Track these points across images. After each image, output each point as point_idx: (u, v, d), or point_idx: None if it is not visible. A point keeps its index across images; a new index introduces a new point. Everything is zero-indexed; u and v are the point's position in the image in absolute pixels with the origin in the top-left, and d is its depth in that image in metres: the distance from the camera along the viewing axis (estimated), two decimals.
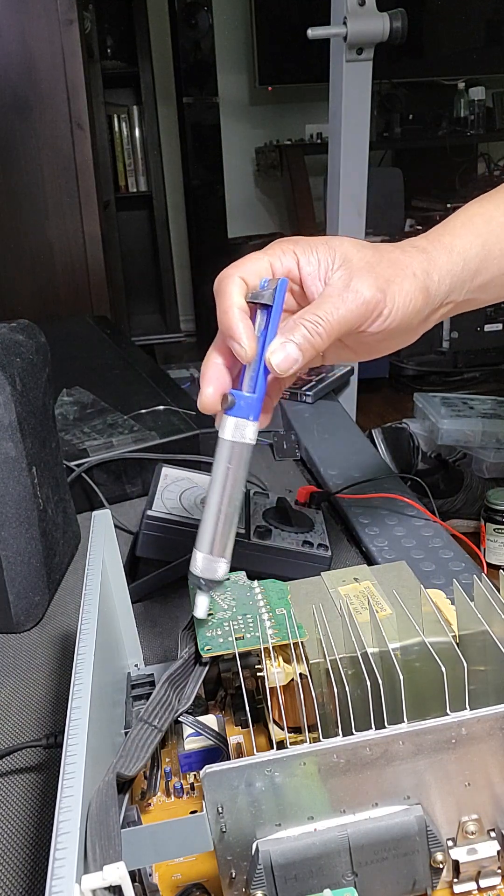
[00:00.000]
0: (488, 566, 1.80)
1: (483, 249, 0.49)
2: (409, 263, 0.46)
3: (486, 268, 0.50)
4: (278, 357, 0.42)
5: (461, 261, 0.48)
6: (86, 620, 0.39)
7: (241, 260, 0.44)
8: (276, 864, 0.33)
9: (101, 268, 1.98)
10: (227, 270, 0.44)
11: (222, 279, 0.44)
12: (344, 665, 0.40)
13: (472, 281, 0.50)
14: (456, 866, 0.35)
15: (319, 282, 0.45)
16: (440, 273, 0.47)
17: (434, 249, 0.48)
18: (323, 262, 0.45)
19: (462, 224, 0.50)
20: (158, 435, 0.88)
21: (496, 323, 3.11)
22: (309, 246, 0.45)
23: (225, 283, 0.43)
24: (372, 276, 0.44)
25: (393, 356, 3.12)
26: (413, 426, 2.21)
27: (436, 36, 3.48)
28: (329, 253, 0.45)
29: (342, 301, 0.43)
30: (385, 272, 0.45)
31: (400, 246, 0.48)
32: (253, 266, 0.44)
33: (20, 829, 0.46)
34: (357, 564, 0.55)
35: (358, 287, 0.43)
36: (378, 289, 0.44)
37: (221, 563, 0.44)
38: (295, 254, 0.45)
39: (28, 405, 0.64)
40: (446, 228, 0.50)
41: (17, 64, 1.80)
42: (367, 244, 0.46)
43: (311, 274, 0.45)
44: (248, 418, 0.43)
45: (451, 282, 0.48)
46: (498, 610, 0.39)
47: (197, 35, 3.24)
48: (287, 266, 0.45)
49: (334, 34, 1.20)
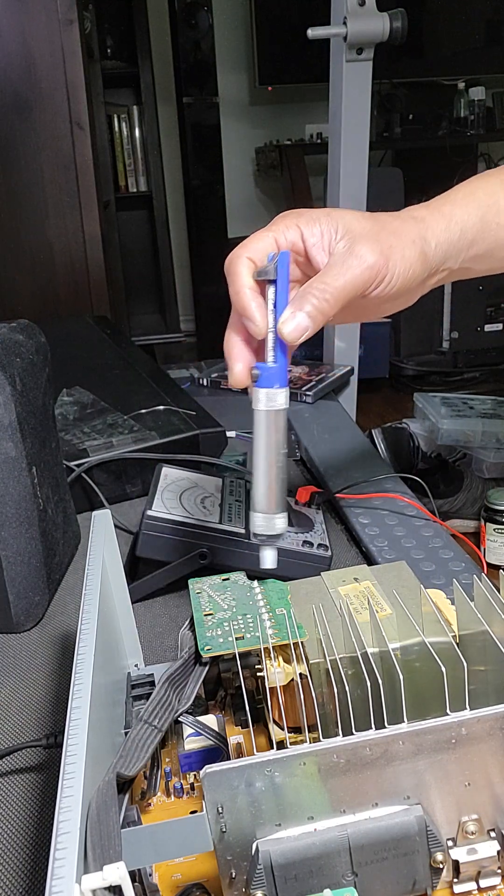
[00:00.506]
0: (488, 566, 1.80)
1: (481, 221, 0.51)
2: (408, 231, 0.48)
3: (483, 238, 0.52)
4: (290, 326, 0.44)
5: (459, 230, 0.50)
6: (86, 620, 0.39)
7: (247, 239, 0.47)
8: (276, 864, 0.33)
9: (101, 268, 1.98)
10: (236, 251, 0.46)
11: (231, 261, 0.46)
12: (344, 665, 0.40)
13: (467, 250, 0.51)
14: (456, 866, 0.35)
15: (324, 252, 0.47)
16: (437, 239, 0.50)
17: (432, 218, 0.50)
18: (326, 233, 0.47)
19: (464, 196, 0.52)
20: (158, 435, 0.88)
21: (496, 323, 3.11)
22: (311, 218, 0.47)
23: (234, 264, 0.46)
24: (375, 242, 0.46)
25: (393, 356, 3.12)
26: (413, 426, 2.21)
27: (436, 36, 3.48)
28: (331, 224, 0.47)
29: (347, 268, 0.45)
30: (387, 239, 0.47)
31: (399, 216, 0.50)
32: (259, 244, 0.46)
33: (20, 829, 0.46)
34: (357, 564, 0.55)
35: (361, 253, 0.46)
36: (381, 254, 0.46)
37: (279, 517, 0.47)
38: (298, 227, 0.47)
39: (28, 405, 0.64)
40: (448, 198, 0.52)
41: (17, 64, 1.80)
42: (367, 214, 0.48)
43: (315, 245, 0.47)
44: (275, 387, 0.45)
45: (447, 249, 0.50)
46: (498, 610, 0.39)
47: (197, 35, 3.24)
48: (291, 239, 0.47)
49: (334, 34, 1.20)
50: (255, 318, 0.45)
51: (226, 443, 0.92)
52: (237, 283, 0.45)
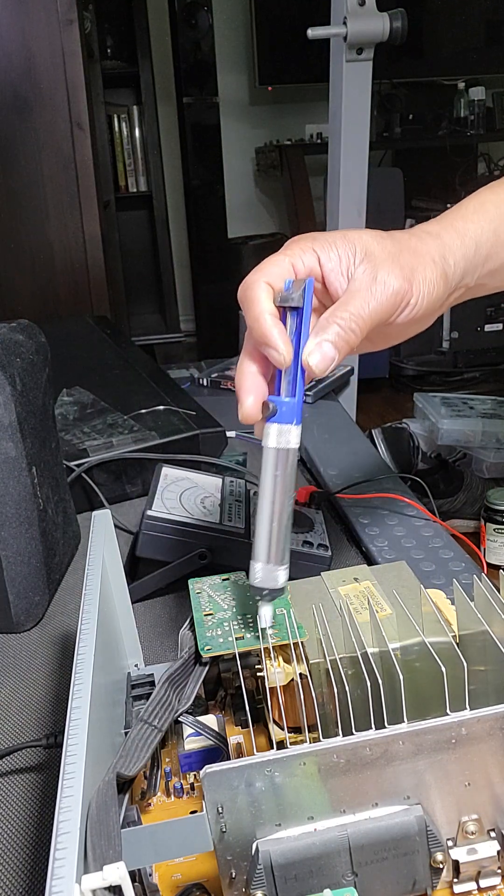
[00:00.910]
0: (488, 566, 1.80)
1: (494, 235, 0.50)
2: (428, 250, 0.46)
3: (497, 253, 0.50)
4: (316, 357, 0.42)
5: (473, 245, 0.49)
6: (86, 620, 0.39)
7: (262, 264, 0.44)
8: (276, 864, 0.33)
9: (101, 268, 1.98)
10: (252, 276, 0.44)
11: (248, 286, 0.43)
12: (344, 665, 0.40)
13: (483, 266, 0.50)
14: (456, 866, 0.35)
15: (342, 277, 0.45)
16: (454, 257, 0.48)
17: (447, 234, 0.48)
18: (344, 257, 0.45)
19: (474, 210, 0.51)
20: (158, 435, 0.88)
21: (496, 323, 3.11)
22: (328, 242, 0.45)
23: (251, 289, 0.43)
24: (397, 266, 0.44)
25: (393, 356, 3.13)
26: (413, 426, 2.21)
27: (436, 36, 3.48)
28: (349, 247, 0.45)
29: (371, 295, 0.43)
30: (408, 262, 0.45)
31: (415, 234, 0.48)
32: (275, 269, 0.44)
33: (20, 829, 0.46)
34: (357, 564, 0.55)
35: (385, 279, 0.44)
36: (405, 279, 0.44)
37: (281, 570, 0.44)
38: (315, 251, 0.45)
39: (28, 405, 0.64)
40: (458, 213, 0.50)
41: (17, 64, 1.80)
42: (383, 234, 0.46)
43: (333, 270, 0.45)
44: (291, 423, 0.43)
45: (465, 266, 0.49)
46: (498, 610, 0.39)
47: (197, 35, 3.24)
48: (308, 265, 0.45)
49: (334, 34, 1.20)
50: (279, 347, 0.42)
51: (226, 443, 0.92)
52: (256, 309, 0.42)
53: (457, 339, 3.09)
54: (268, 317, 0.42)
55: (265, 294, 0.43)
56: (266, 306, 0.42)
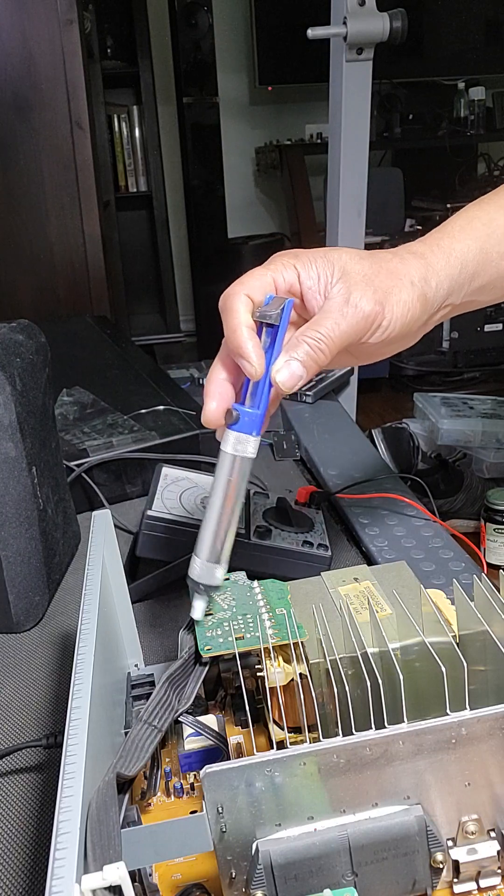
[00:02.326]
0: (488, 566, 1.80)
1: (481, 253, 0.50)
2: (407, 272, 0.47)
3: (485, 270, 0.50)
4: (283, 375, 0.43)
5: (459, 264, 0.49)
6: (86, 620, 0.39)
7: (244, 276, 0.45)
8: (276, 864, 0.33)
9: (101, 268, 1.98)
10: (233, 288, 0.45)
11: (228, 297, 0.44)
12: (344, 665, 0.40)
13: (469, 284, 0.50)
14: (456, 866, 0.35)
15: (319, 296, 0.45)
16: (438, 278, 0.48)
17: (432, 254, 0.48)
18: (322, 276, 0.45)
19: (461, 228, 0.50)
20: (158, 435, 0.88)
21: (496, 323, 3.11)
22: (309, 260, 0.46)
23: (231, 300, 0.44)
24: (370, 288, 0.45)
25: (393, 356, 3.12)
26: (413, 426, 2.21)
27: (436, 36, 3.48)
28: (328, 266, 0.45)
29: (342, 316, 0.44)
30: (383, 283, 0.45)
31: (398, 254, 0.48)
32: (257, 282, 0.45)
33: (20, 829, 0.46)
34: (357, 564, 0.55)
35: (357, 301, 0.44)
36: (377, 301, 0.45)
37: (219, 568, 0.46)
38: (296, 268, 0.45)
39: (28, 405, 0.64)
40: (445, 231, 0.50)
41: (17, 64, 1.80)
42: (364, 254, 0.47)
43: (311, 288, 0.45)
44: (251, 433, 0.44)
45: (450, 286, 0.49)
46: (498, 610, 0.39)
47: (197, 35, 3.24)
48: (289, 281, 0.45)
49: (334, 34, 1.20)
50: (252, 359, 0.43)
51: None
52: (234, 321, 0.43)
53: (457, 339, 3.09)
54: (244, 329, 0.43)
55: (244, 306, 0.44)
56: (244, 318, 0.43)
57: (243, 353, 0.43)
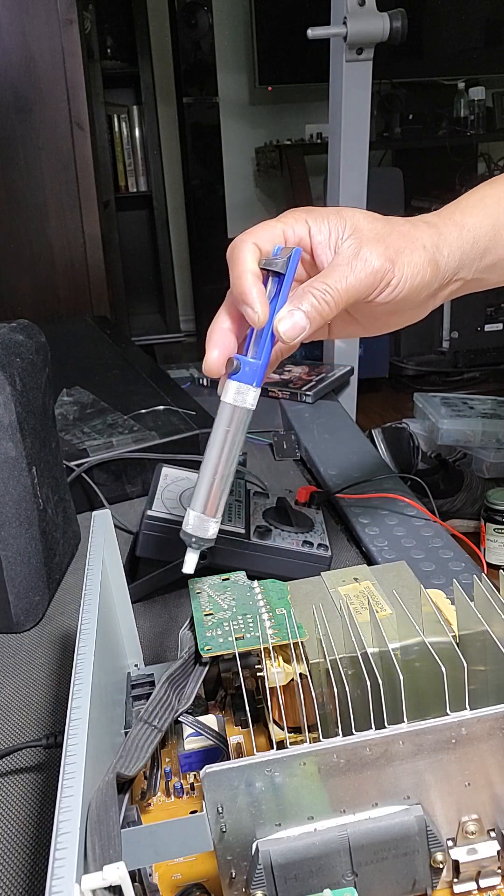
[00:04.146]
0: (488, 566, 1.80)
1: (493, 230, 0.50)
2: (419, 236, 0.47)
3: (496, 247, 0.50)
4: (286, 324, 0.43)
5: (471, 238, 0.49)
6: (86, 620, 0.39)
7: (255, 227, 0.45)
8: (276, 864, 0.33)
9: (101, 268, 1.98)
10: (242, 236, 0.44)
11: (236, 245, 0.44)
12: (344, 665, 0.40)
13: (481, 260, 0.50)
14: (456, 866, 0.35)
15: (329, 251, 0.45)
16: (450, 248, 0.48)
17: (444, 225, 0.48)
18: (333, 232, 0.45)
19: (473, 204, 0.51)
20: (158, 435, 0.88)
21: (496, 323, 3.11)
22: (321, 215, 0.46)
23: (239, 248, 0.44)
24: (381, 245, 0.44)
25: (393, 356, 3.13)
26: (413, 426, 2.21)
27: (436, 36, 3.48)
28: (340, 222, 0.45)
29: (350, 270, 0.44)
30: (395, 243, 0.45)
31: (411, 220, 0.48)
32: (266, 233, 0.45)
33: (20, 829, 0.46)
34: (357, 564, 0.55)
35: (367, 256, 0.44)
36: (387, 258, 0.44)
37: (212, 522, 0.45)
38: (307, 223, 0.45)
39: (28, 405, 0.64)
40: (458, 207, 0.51)
41: (17, 64, 1.80)
42: (378, 216, 0.47)
43: (321, 243, 0.45)
44: (251, 384, 0.43)
45: (461, 258, 0.49)
46: (498, 610, 0.39)
47: (197, 35, 3.24)
48: (299, 234, 0.45)
49: (334, 34, 1.20)
50: (255, 306, 0.42)
51: None
52: (240, 268, 0.43)
53: (457, 339, 3.09)
54: (250, 276, 0.43)
55: (252, 254, 0.44)
56: (250, 266, 0.43)
57: (247, 300, 0.43)
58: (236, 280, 0.43)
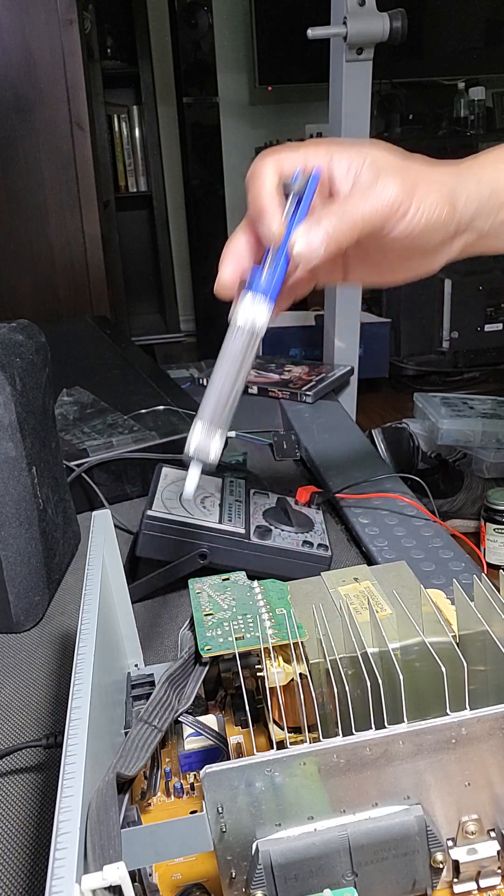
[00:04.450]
0: (488, 566, 1.80)
1: None
2: (438, 177, 0.47)
3: None
4: (301, 244, 0.43)
5: (489, 189, 0.49)
6: (86, 620, 0.39)
7: (277, 147, 0.45)
8: (276, 864, 0.33)
9: (101, 268, 1.98)
10: (263, 155, 0.45)
11: (258, 163, 0.44)
12: (344, 665, 0.40)
13: (497, 213, 0.50)
14: (456, 866, 0.35)
15: (348, 182, 0.45)
16: (468, 193, 0.48)
17: (462, 173, 0.49)
18: (353, 164, 0.45)
19: (493, 160, 0.51)
20: (158, 435, 0.88)
21: (496, 323, 3.11)
22: (342, 147, 0.46)
23: (260, 166, 0.44)
24: (399, 177, 0.45)
25: (393, 356, 3.12)
26: (413, 426, 2.21)
27: (436, 36, 3.48)
28: (360, 155, 0.45)
29: (367, 198, 0.44)
30: (413, 177, 0.45)
31: (431, 162, 0.48)
32: (289, 156, 0.45)
33: (20, 829, 0.46)
34: (357, 564, 0.55)
35: (384, 185, 0.44)
36: (404, 190, 0.44)
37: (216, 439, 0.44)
38: (329, 152, 0.46)
39: (28, 405, 0.64)
40: (476, 160, 0.51)
41: (17, 64, 1.80)
42: (399, 151, 0.47)
43: (340, 173, 0.46)
44: (265, 295, 0.43)
45: (478, 206, 0.49)
46: (498, 610, 0.39)
47: (197, 35, 3.24)
48: (320, 163, 0.46)
49: (334, 34, 1.20)
50: (273, 222, 0.42)
51: (226, 443, 0.92)
52: (259, 185, 0.43)
53: (457, 339, 3.09)
54: (269, 194, 0.43)
55: (272, 173, 0.44)
56: (270, 184, 0.43)
57: (264, 216, 0.43)
58: (255, 198, 0.43)
